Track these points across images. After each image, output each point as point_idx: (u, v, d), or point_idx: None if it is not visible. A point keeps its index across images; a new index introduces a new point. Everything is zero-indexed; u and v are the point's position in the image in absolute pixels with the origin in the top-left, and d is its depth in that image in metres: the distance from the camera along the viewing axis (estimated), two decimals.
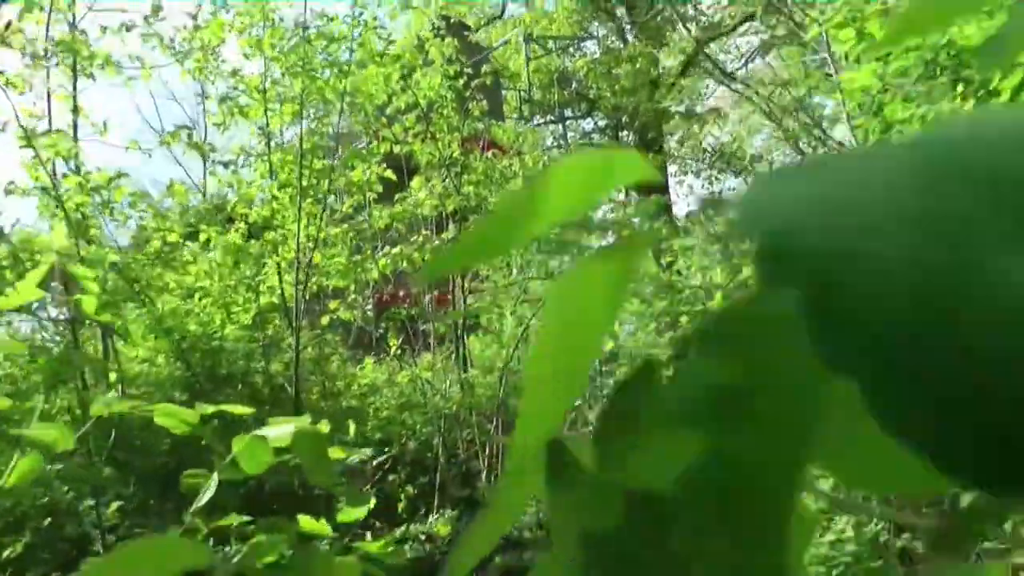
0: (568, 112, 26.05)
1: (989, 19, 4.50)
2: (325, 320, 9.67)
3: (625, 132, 25.68)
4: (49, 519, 5.93)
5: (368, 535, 10.21)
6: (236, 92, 8.04)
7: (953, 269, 0.28)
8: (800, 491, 0.38)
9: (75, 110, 7.89)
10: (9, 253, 5.65)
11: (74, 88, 8.01)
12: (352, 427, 8.73)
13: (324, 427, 1.79)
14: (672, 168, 25.84)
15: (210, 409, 1.93)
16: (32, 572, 5.60)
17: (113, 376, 6.67)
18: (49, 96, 7.50)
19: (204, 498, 1.69)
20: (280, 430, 1.64)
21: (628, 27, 24.60)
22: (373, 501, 2.21)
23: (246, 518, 4.56)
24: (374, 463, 9.81)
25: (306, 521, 1.96)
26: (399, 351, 10.08)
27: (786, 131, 21.05)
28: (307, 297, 8.73)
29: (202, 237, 8.14)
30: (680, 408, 0.40)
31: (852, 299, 0.29)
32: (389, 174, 9.11)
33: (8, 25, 7.81)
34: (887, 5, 5.60)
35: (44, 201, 6.70)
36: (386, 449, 9.41)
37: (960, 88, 5.10)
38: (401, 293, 12.15)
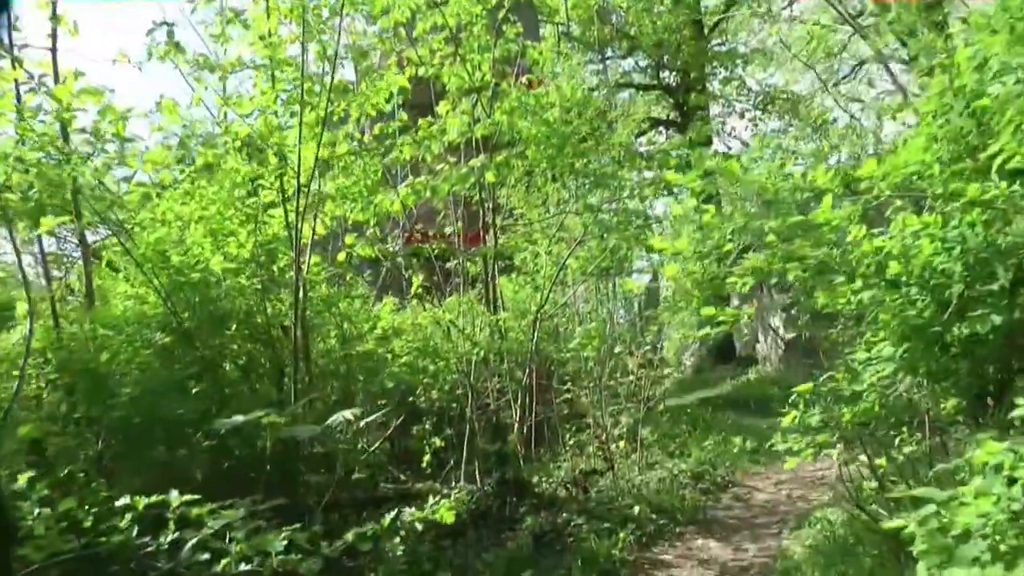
0: (608, 52, 24.64)
1: None
2: (342, 257, 8.59)
3: (667, 72, 24.31)
4: None
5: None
6: None
7: None
8: None
9: (53, 17, 6.83)
10: None
11: None
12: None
13: None
14: (715, 109, 24.43)
15: None
16: None
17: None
18: None
19: None
20: None
21: None
22: None
23: (189, 497, 3.49)
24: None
25: None
26: (424, 292, 8.98)
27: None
28: (316, 232, 7.64)
29: (199, 161, 7.06)
30: None
31: None
32: (400, 80, 7.94)
33: None
34: None
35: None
36: (406, 402, 8.43)
37: None
38: (431, 232, 11.08)
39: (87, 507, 3.78)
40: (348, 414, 3.76)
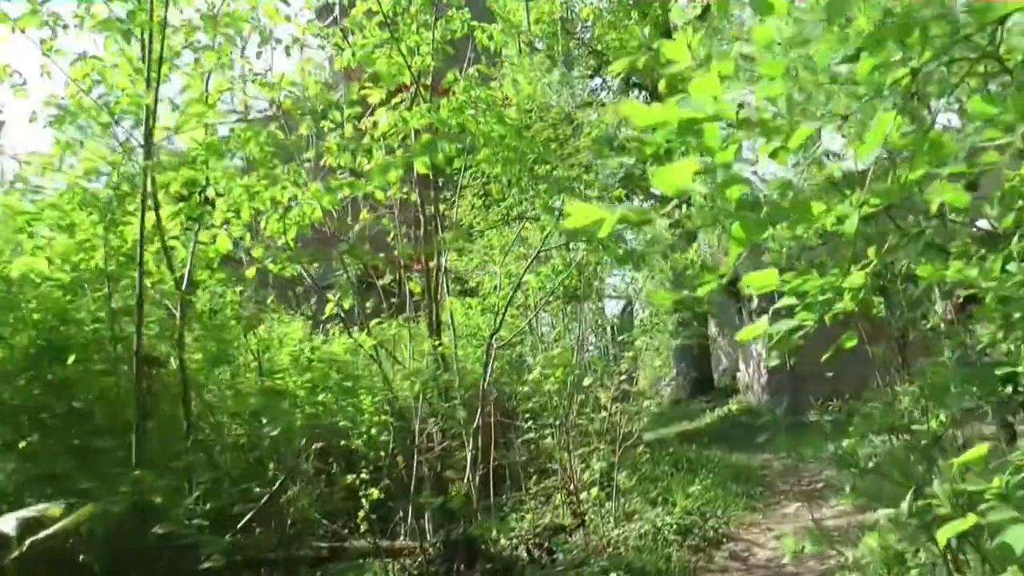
0: (576, 72, 23.13)
1: None
2: (251, 273, 6.91)
3: (637, 91, 22.86)
4: None
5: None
6: None
7: None
8: None
9: None
10: None
11: None
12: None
13: None
14: None
15: None
16: None
17: None
18: None
19: None
20: None
21: None
22: None
23: None
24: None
25: None
26: (348, 314, 7.31)
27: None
28: (210, 244, 5.99)
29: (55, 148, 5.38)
30: None
31: None
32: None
33: None
34: None
35: None
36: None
37: None
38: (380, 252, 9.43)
39: None
40: (10, 524, 2.09)
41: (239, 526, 5.17)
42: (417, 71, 7.81)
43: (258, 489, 6.19)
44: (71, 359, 4.76)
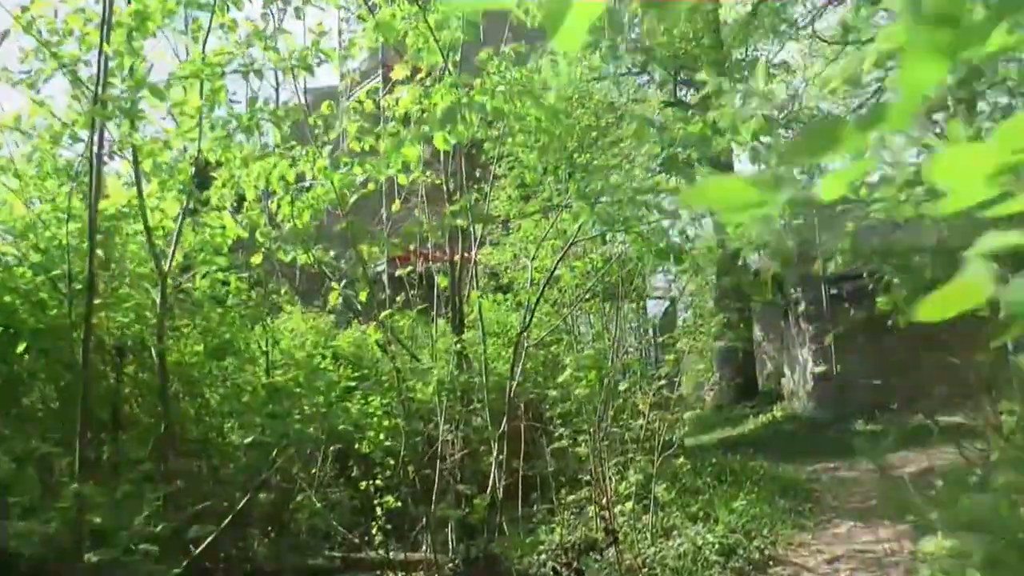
0: (623, 69, 22.32)
1: None
2: (257, 259, 6.24)
3: (684, 88, 22.01)
4: None
5: None
6: None
7: None
8: None
9: None
10: None
11: None
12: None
13: None
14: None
15: None
16: None
17: None
18: None
19: None
20: None
21: None
22: None
23: None
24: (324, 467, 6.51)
25: None
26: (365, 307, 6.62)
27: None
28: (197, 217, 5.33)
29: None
30: None
31: None
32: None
33: None
34: None
35: None
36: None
37: None
38: (411, 246, 8.74)
39: None
40: None
41: (199, 550, 4.46)
42: (446, 46, 7.11)
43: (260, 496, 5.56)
44: (21, 348, 4.09)
